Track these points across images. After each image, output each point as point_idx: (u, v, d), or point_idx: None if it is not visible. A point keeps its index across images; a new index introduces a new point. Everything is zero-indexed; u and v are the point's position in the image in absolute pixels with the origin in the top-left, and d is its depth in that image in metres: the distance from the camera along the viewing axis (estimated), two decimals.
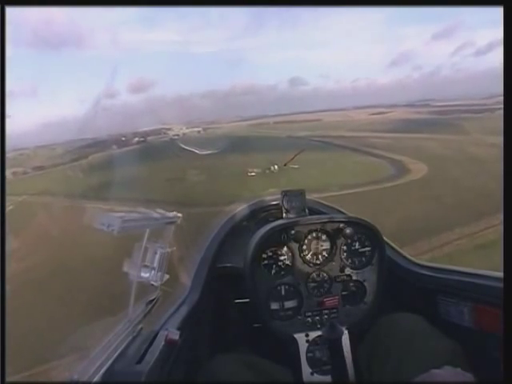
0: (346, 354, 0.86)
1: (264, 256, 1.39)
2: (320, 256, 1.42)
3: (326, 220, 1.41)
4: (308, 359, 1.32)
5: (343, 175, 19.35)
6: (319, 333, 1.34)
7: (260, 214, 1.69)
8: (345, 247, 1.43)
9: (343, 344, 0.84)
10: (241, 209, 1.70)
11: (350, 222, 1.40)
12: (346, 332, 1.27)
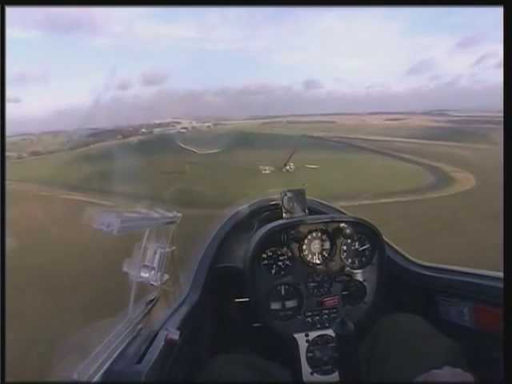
0: (349, 352, 0.86)
1: (264, 256, 1.39)
2: (320, 256, 1.42)
3: (326, 220, 1.41)
4: (308, 359, 1.32)
5: (374, 181, 17.03)
6: (319, 333, 1.34)
7: (260, 214, 1.69)
8: (345, 247, 1.43)
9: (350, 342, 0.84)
10: (241, 209, 1.70)
11: (350, 222, 1.40)
12: None
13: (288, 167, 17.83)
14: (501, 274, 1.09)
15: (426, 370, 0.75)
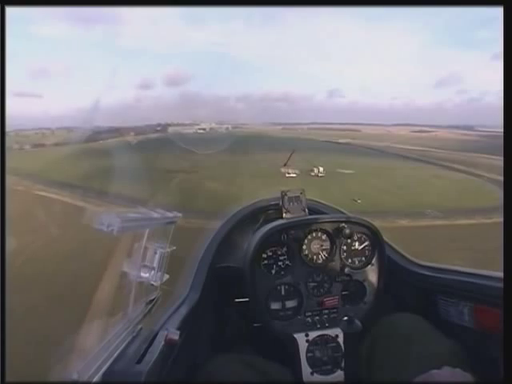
0: (351, 352, 0.86)
1: (264, 256, 1.39)
2: (320, 256, 1.43)
3: (326, 220, 1.42)
4: (308, 359, 1.32)
5: (433, 193, 14.45)
6: (319, 333, 1.34)
7: (260, 214, 1.69)
8: (345, 247, 1.43)
9: (346, 343, 0.84)
10: (241, 209, 1.70)
11: (349, 222, 1.40)
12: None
13: (316, 170, 16.32)
14: (501, 274, 1.08)
15: (425, 370, 0.75)
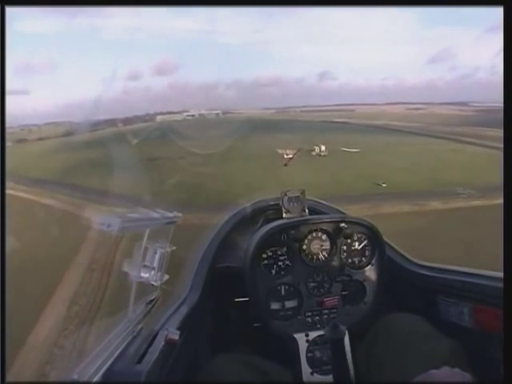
0: (346, 353, 0.86)
1: (264, 256, 1.39)
2: (320, 256, 1.43)
3: (326, 220, 1.42)
4: (308, 359, 1.32)
5: (456, 168, 13.00)
6: (319, 333, 1.34)
7: (260, 214, 1.69)
8: (345, 247, 1.43)
9: (345, 344, 0.84)
10: (241, 209, 1.70)
11: (349, 222, 1.40)
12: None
13: (317, 149, 15.71)
14: (501, 274, 1.08)
15: (425, 369, 0.75)
